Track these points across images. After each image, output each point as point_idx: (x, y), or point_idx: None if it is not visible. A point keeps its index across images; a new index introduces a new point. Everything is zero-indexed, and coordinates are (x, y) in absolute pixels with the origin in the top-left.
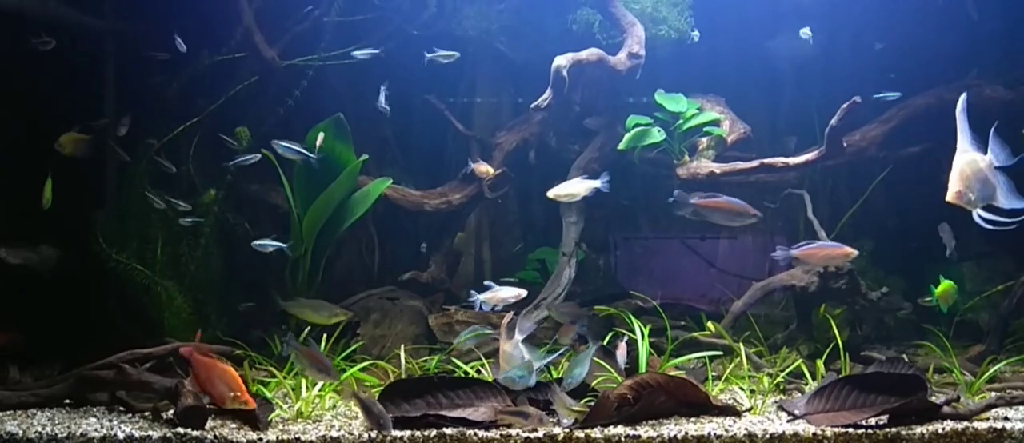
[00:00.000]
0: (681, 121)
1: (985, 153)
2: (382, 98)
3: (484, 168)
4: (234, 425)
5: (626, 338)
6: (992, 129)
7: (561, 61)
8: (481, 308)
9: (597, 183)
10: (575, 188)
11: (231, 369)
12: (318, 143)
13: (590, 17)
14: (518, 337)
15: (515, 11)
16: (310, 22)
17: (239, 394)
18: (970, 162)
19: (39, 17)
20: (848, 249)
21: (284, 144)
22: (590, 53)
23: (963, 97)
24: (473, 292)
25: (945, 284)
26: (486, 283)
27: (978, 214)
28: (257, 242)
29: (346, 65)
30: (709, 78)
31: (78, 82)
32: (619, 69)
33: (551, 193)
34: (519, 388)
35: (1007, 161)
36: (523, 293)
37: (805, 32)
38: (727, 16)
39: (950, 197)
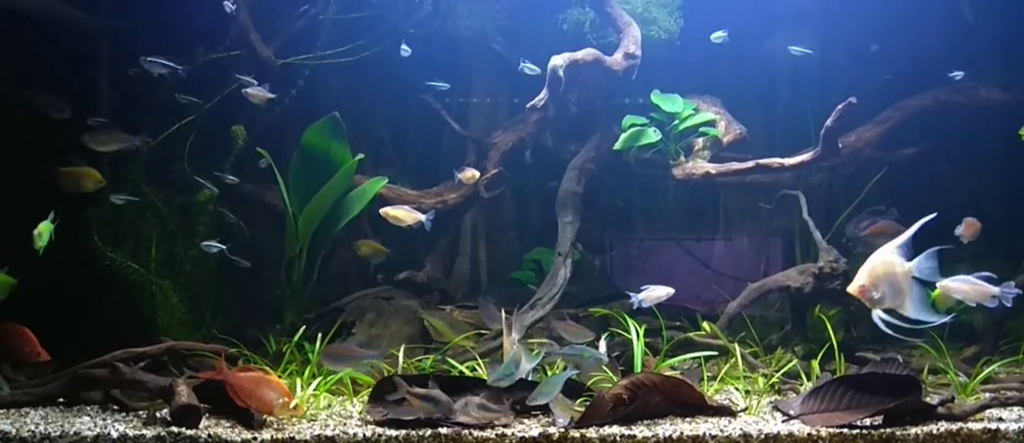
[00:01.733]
0: (677, 122)
1: (908, 261)
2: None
3: (469, 174)
4: (228, 424)
5: (605, 338)
6: (935, 250)
7: (557, 61)
8: (640, 305)
9: (422, 218)
10: (403, 216)
11: (274, 376)
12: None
13: (581, 17)
14: (516, 336)
15: (511, 11)
16: (306, 21)
17: (287, 400)
18: (885, 263)
19: (34, 14)
20: None
21: (151, 59)
22: (586, 53)
23: (933, 217)
24: (631, 294)
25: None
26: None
27: (877, 315)
28: (205, 243)
29: (342, 64)
30: (705, 79)
31: (73, 80)
32: (615, 69)
33: (383, 211)
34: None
35: (931, 277)
36: (672, 291)
37: (718, 35)
38: (723, 17)
39: (852, 289)
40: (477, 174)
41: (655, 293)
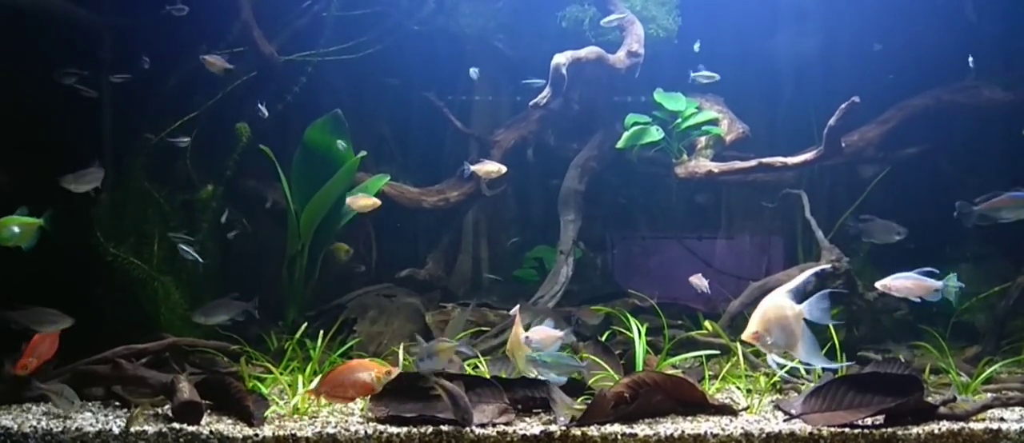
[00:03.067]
0: (680, 120)
1: (798, 304)
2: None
3: (489, 167)
4: (230, 421)
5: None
6: (826, 292)
7: (560, 59)
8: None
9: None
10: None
11: (354, 361)
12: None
13: (580, 14)
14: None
15: (513, 9)
16: (309, 18)
17: (378, 372)
18: (776, 307)
19: (37, 11)
20: None
21: (67, 71)
22: (589, 51)
23: (823, 268)
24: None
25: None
26: None
27: (772, 358)
28: (182, 246)
29: (345, 61)
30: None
31: (77, 77)
32: (618, 67)
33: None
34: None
35: (822, 319)
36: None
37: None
38: (724, 15)
39: (746, 336)
40: (493, 168)
41: (701, 283)
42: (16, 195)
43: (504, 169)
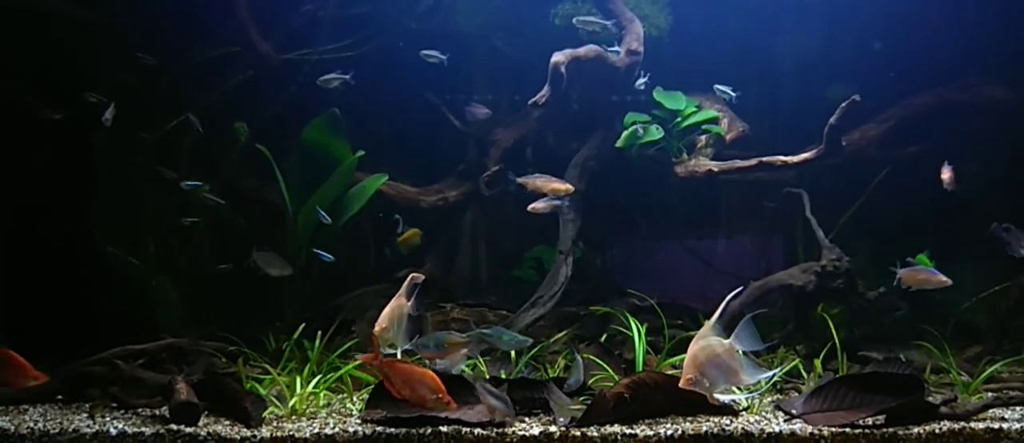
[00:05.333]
0: (680, 119)
1: (726, 337)
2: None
3: (553, 185)
4: (227, 422)
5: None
6: (746, 319)
7: (559, 57)
8: None
9: None
10: None
11: (429, 371)
12: None
13: (573, 11)
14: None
15: (512, 7)
16: (306, 16)
17: (441, 395)
18: (704, 348)
19: (31, 8)
20: None
21: None
22: (588, 50)
23: (739, 290)
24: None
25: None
26: None
27: (718, 397)
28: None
29: (342, 60)
30: (708, 76)
31: (71, 76)
32: (618, 66)
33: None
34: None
35: (754, 344)
36: None
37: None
38: (725, 13)
39: (683, 384)
40: (561, 187)
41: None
42: (12, 194)
43: (564, 187)
